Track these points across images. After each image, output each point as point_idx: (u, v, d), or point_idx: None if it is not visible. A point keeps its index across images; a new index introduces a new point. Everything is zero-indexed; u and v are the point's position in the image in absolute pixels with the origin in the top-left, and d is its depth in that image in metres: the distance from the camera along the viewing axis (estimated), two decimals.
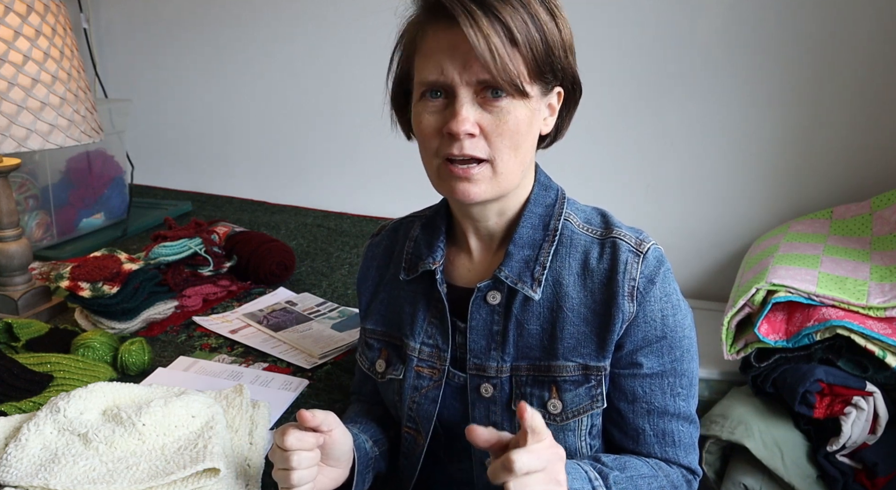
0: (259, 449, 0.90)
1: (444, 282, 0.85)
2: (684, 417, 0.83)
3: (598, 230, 0.83)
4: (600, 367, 0.79)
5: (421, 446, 0.87)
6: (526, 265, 0.81)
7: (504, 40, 0.71)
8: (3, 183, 1.21)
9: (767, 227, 1.75)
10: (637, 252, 0.80)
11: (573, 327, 0.80)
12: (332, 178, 2.16)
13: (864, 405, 1.19)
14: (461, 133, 0.73)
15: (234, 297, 1.41)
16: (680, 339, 0.81)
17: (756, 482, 1.24)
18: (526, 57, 0.73)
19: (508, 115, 0.74)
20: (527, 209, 0.83)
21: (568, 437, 0.81)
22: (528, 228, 0.82)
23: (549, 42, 0.74)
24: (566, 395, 0.80)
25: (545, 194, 0.84)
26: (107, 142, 1.84)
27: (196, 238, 1.38)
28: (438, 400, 0.85)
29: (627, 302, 0.78)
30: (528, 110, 0.75)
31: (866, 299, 1.22)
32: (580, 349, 0.79)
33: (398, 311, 0.90)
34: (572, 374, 0.80)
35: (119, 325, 1.20)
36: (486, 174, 0.76)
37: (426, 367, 0.86)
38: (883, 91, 1.61)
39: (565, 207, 0.84)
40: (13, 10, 1.08)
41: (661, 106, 1.77)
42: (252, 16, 2.09)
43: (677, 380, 0.82)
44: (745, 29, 1.66)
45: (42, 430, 0.85)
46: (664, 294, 0.80)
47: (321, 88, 2.08)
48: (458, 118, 0.73)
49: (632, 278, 0.78)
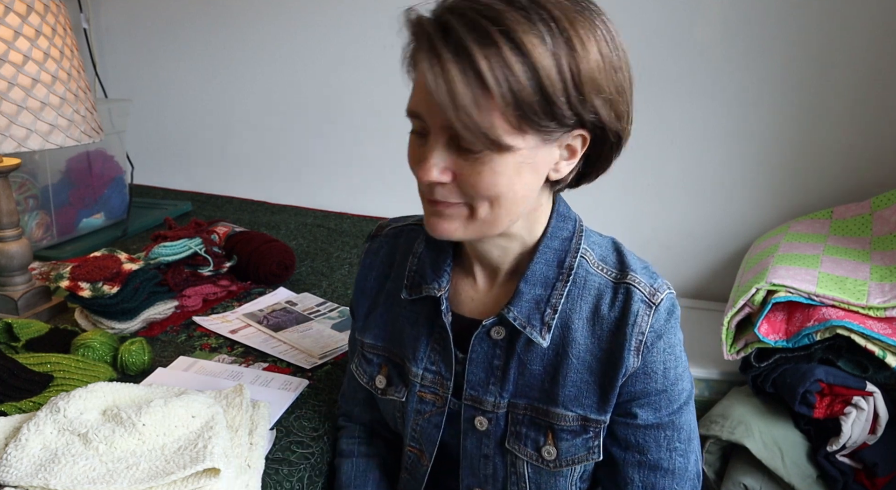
0: (259, 449, 0.90)
1: (450, 311, 0.81)
2: (679, 474, 0.78)
3: (613, 271, 0.77)
4: (600, 421, 0.76)
5: (425, 466, 0.86)
6: (536, 306, 0.75)
7: (473, 88, 0.60)
8: (3, 183, 1.21)
9: (767, 227, 1.75)
10: (650, 303, 0.74)
11: (577, 375, 0.76)
12: (332, 178, 2.16)
13: (864, 405, 1.19)
14: (424, 181, 0.67)
15: (234, 297, 1.41)
16: (679, 392, 0.77)
17: (756, 482, 1.24)
18: (504, 107, 0.61)
19: (484, 167, 0.65)
20: (543, 243, 0.76)
21: (559, 481, 0.79)
22: (542, 265, 0.76)
23: (544, 87, 0.61)
24: (562, 444, 0.77)
25: (562, 226, 0.78)
26: (107, 142, 1.84)
27: (196, 238, 1.38)
28: (442, 425, 0.84)
29: (633, 356, 0.74)
30: (514, 161, 0.65)
31: (866, 299, 1.22)
32: (581, 399, 0.76)
33: (399, 330, 0.87)
34: (571, 423, 0.76)
35: (119, 325, 1.20)
36: (461, 214, 0.70)
37: (429, 392, 0.83)
38: (883, 91, 1.61)
39: (582, 242, 0.78)
40: (13, 10, 1.08)
41: (662, 106, 1.77)
42: (252, 16, 2.09)
43: (675, 433, 0.77)
44: (745, 29, 1.66)
45: (42, 430, 0.85)
46: (668, 346, 0.75)
47: (322, 88, 2.08)
48: (425, 166, 0.67)
49: (641, 332, 0.74)
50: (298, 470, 0.91)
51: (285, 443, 0.95)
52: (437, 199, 0.69)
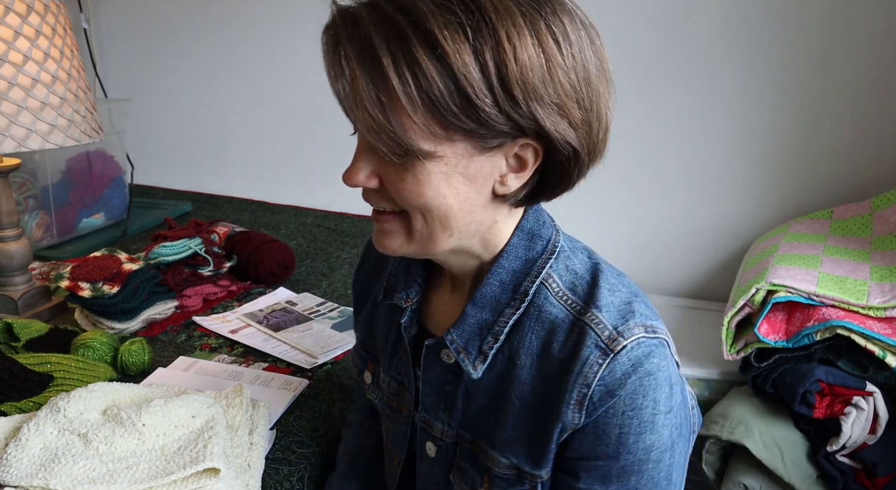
0: (259, 449, 0.90)
1: (415, 323, 0.74)
2: None
3: (578, 304, 0.63)
4: (536, 475, 0.65)
5: (395, 470, 0.83)
6: (478, 332, 0.66)
7: (377, 88, 0.54)
8: (3, 183, 1.21)
9: (767, 227, 1.75)
10: (606, 350, 0.60)
11: (516, 419, 0.65)
12: (332, 178, 2.14)
13: (864, 405, 1.19)
14: (351, 185, 0.62)
15: (234, 297, 1.41)
16: (640, 464, 0.62)
17: (756, 482, 1.24)
18: (413, 108, 0.54)
19: (407, 174, 0.58)
20: (497, 263, 0.66)
21: None
22: (494, 287, 0.66)
23: (462, 86, 0.53)
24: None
25: (528, 246, 0.66)
26: (107, 142, 1.84)
27: (196, 238, 1.38)
28: (407, 434, 0.79)
29: (573, 411, 0.61)
30: (439, 169, 0.58)
31: (866, 299, 1.22)
32: (517, 447, 0.66)
33: (377, 331, 0.83)
34: (505, 471, 0.67)
35: (119, 325, 1.20)
36: (401, 228, 0.63)
37: (395, 400, 0.79)
38: (883, 91, 1.61)
39: (548, 267, 0.65)
40: (13, 10, 1.08)
41: (662, 106, 1.77)
42: (252, 16, 2.09)
43: None
44: (745, 28, 1.66)
45: (42, 430, 0.85)
46: (630, 407, 0.60)
47: (322, 88, 2.06)
48: (349, 169, 0.61)
49: (585, 384, 0.60)
50: (298, 470, 0.91)
51: (285, 443, 0.95)
52: (374, 208, 0.64)
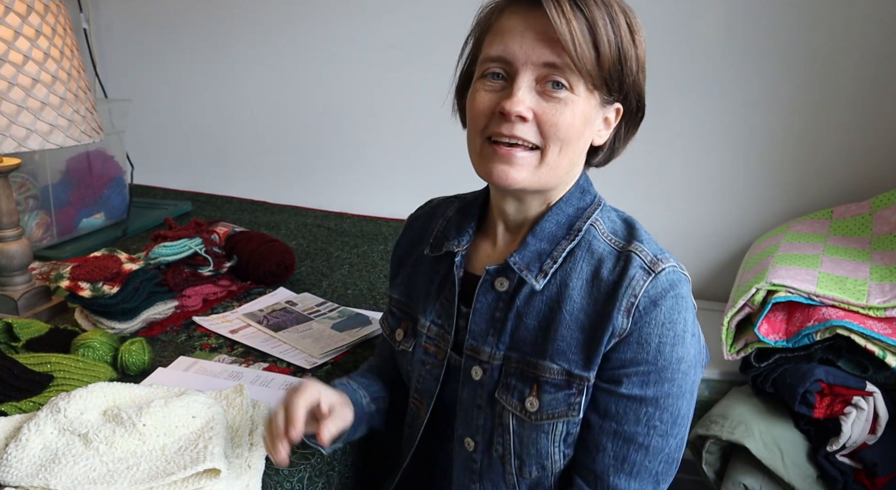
0: (259, 450, 0.90)
1: (462, 266, 0.87)
2: (653, 453, 0.77)
3: (621, 242, 0.80)
4: (584, 377, 0.77)
5: (422, 419, 0.90)
6: (538, 257, 0.80)
7: (585, 31, 0.71)
8: (3, 183, 1.21)
9: (767, 227, 1.75)
10: (649, 270, 0.76)
11: (567, 331, 0.78)
12: (332, 178, 2.16)
13: (864, 405, 1.19)
14: (513, 113, 0.72)
15: (234, 297, 1.41)
16: (673, 373, 0.76)
17: (756, 482, 1.24)
18: (603, 55, 0.72)
19: (566, 108, 0.73)
20: (556, 206, 0.82)
21: (541, 438, 0.80)
22: (552, 224, 0.81)
23: (624, 51, 0.74)
24: (545, 397, 0.78)
25: (580, 197, 0.83)
26: (107, 142, 1.84)
27: (196, 238, 1.38)
28: (440, 378, 0.88)
29: (623, 317, 0.75)
30: (588, 108, 0.75)
31: (866, 299, 1.23)
32: (568, 354, 0.77)
33: (418, 286, 0.93)
34: (555, 377, 0.78)
35: (119, 325, 1.20)
36: (532, 162, 0.76)
37: (432, 345, 0.89)
38: (883, 91, 1.61)
39: (596, 213, 0.82)
40: (13, 10, 1.08)
41: (662, 106, 1.77)
42: (252, 16, 2.09)
43: (657, 411, 0.76)
44: (745, 29, 1.66)
45: (42, 431, 0.85)
46: (668, 320, 0.75)
47: (321, 88, 2.08)
48: (514, 98, 0.72)
49: (633, 294, 0.75)
50: (298, 470, 0.91)
51: None
52: (516, 134, 0.74)
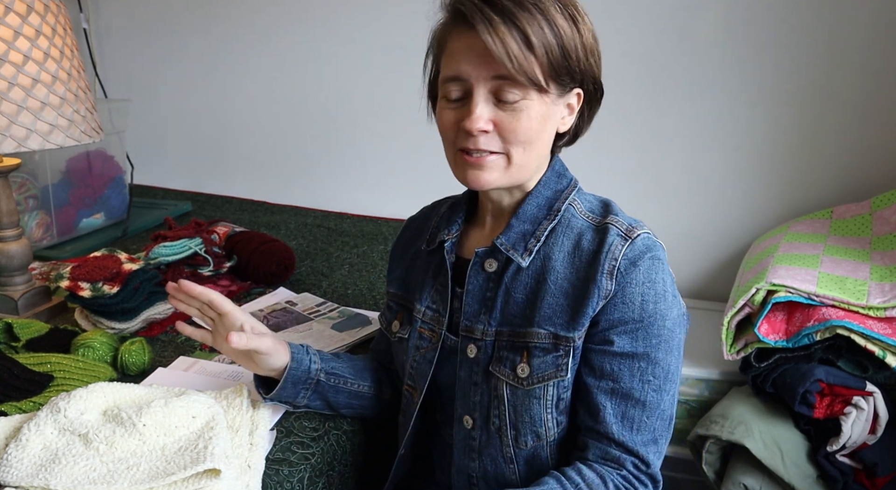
0: (259, 450, 0.90)
1: (453, 252, 0.93)
2: (650, 408, 0.82)
3: (598, 218, 0.86)
4: (570, 338, 0.82)
5: (415, 404, 0.94)
6: (523, 237, 0.86)
7: (520, 44, 0.76)
8: (3, 183, 1.21)
9: (767, 227, 1.75)
10: (625, 237, 0.82)
11: (552, 299, 0.83)
12: (332, 178, 2.16)
13: (864, 405, 1.19)
14: (473, 130, 0.79)
15: (234, 297, 1.41)
16: (659, 328, 0.81)
17: (756, 482, 1.24)
18: (541, 59, 0.77)
19: (521, 114, 0.79)
20: (535, 190, 0.88)
21: (533, 404, 0.84)
22: (532, 206, 0.87)
23: (565, 46, 0.78)
24: (534, 361, 0.83)
25: (557, 180, 0.89)
26: (107, 142, 1.84)
27: (196, 238, 1.38)
28: (434, 361, 0.92)
29: (606, 279, 0.80)
30: (543, 108, 0.80)
31: (866, 299, 1.23)
32: (554, 319, 0.83)
33: (415, 277, 0.98)
34: (543, 341, 0.83)
35: (119, 325, 1.20)
36: (501, 164, 0.82)
37: (427, 329, 0.93)
38: (883, 91, 1.61)
39: (573, 194, 0.88)
40: (13, 10, 1.08)
41: (662, 105, 1.77)
42: (252, 16, 2.09)
43: (650, 366, 0.81)
44: (745, 29, 1.66)
45: (42, 431, 0.85)
46: (648, 279, 0.81)
47: (321, 88, 2.08)
48: (472, 116, 0.79)
49: (613, 258, 0.81)
50: (299, 470, 0.91)
51: (286, 443, 0.95)
52: (481, 148, 0.80)
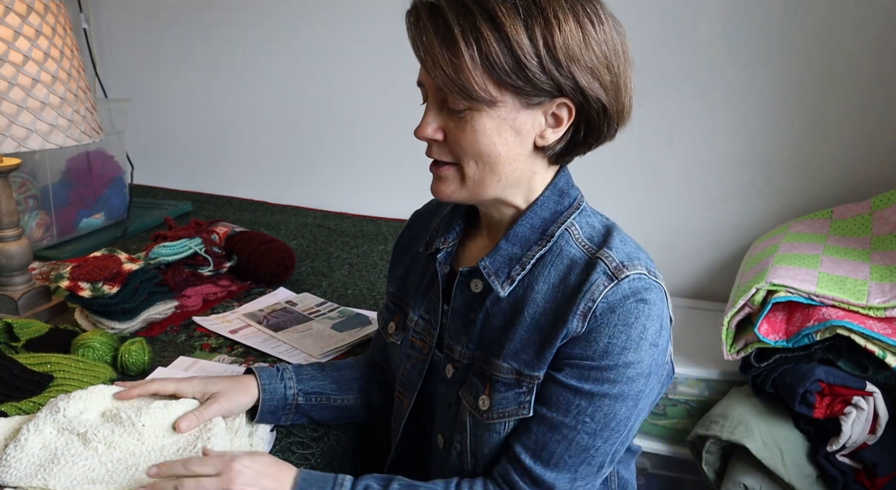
0: (259, 450, 0.90)
1: (447, 263, 0.88)
2: (576, 448, 0.76)
3: (594, 248, 0.78)
4: (533, 377, 0.77)
5: (403, 413, 0.92)
6: (508, 262, 0.80)
7: (446, 51, 0.69)
8: (3, 183, 1.21)
9: (767, 227, 1.75)
10: (612, 276, 0.74)
11: (524, 333, 0.78)
12: (332, 178, 2.16)
13: (864, 405, 1.19)
14: (421, 138, 0.76)
15: (234, 297, 1.41)
16: (617, 375, 0.73)
17: (756, 482, 1.24)
18: (474, 67, 0.69)
19: (466, 125, 0.73)
20: (531, 209, 0.80)
21: (493, 438, 0.80)
22: (525, 228, 0.80)
23: (515, 51, 0.69)
24: (495, 395, 0.79)
25: (558, 200, 0.81)
26: (107, 142, 1.84)
27: (196, 238, 1.38)
28: (424, 372, 0.89)
29: (578, 321, 0.74)
30: (494, 120, 0.73)
31: (866, 299, 1.22)
32: (521, 354, 0.78)
33: (413, 280, 0.95)
34: (506, 376, 0.78)
35: (119, 325, 1.20)
36: (455, 176, 0.78)
37: (419, 339, 0.90)
38: (883, 91, 1.61)
39: (572, 218, 0.80)
40: (13, 10, 1.08)
41: (662, 105, 1.77)
42: (252, 16, 2.09)
43: (590, 407, 0.74)
44: (745, 29, 1.66)
45: (42, 430, 0.85)
46: (623, 323, 0.73)
47: (321, 88, 2.08)
48: (421, 123, 0.76)
49: (591, 299, 0.73)
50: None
51: (285, 444, 0.95)
52: (433, 156, 0.77)
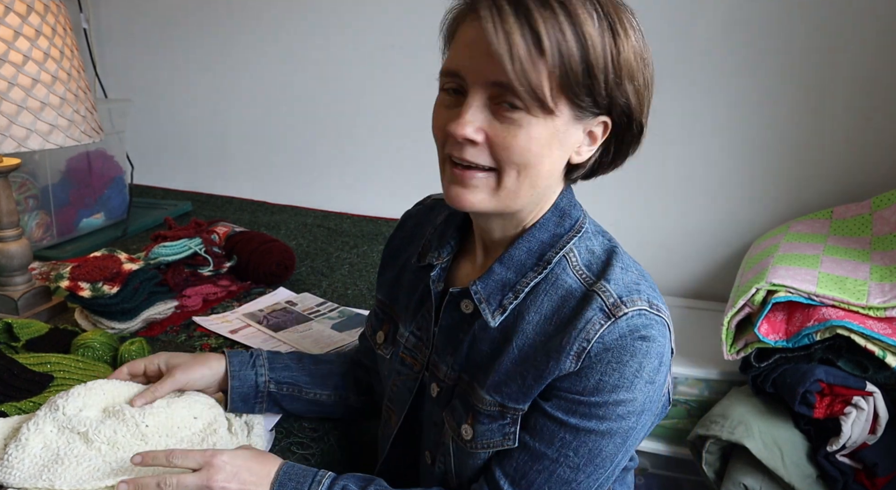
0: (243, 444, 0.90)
1: (442, 280, 0.82)
2: (557, 481, 0.72)
3: (591, 278, 0.72)
4: (518, 409, 0.73)
5: (392, 428, 0.89)
6: (501, 288, 0.75)
7: (529, 43, 0.63)
8: (3, 183, 1.21)
9: (767, 227, 1.75)
10: (609, 314, 0.68)
11: (510, 364, 0.73)
12: (332, 178, 2.16)
13: (864, 405, 1.19)
14: (458, 137, 0.67)
15: (234, 297, 1.41)
16: (607, 412, 0.69)
17: (756, 482, 1.24)
18: (552, 69, 0.64)
19: (520, 130, 0.66)
20: (529, 231, 0.75)
21: (477, 465, 0.78)
22: (522, 251, 0.75)
23: (589, 59, 0.64)
24: (479, 427, 0.75)
25: (558, 222, 0.76)
26: (107, 142, 1.84)
27: (196, 238, 1.38)
28: (414, 390, 0.85)
29: (571, 360, 0.69)
30: (548, 130, 0.67)
31: (866, 299, 1.23)
32: (504, 388, 0.73)
33: (402, 291, 0.90)
34: (489, 408, 0.75)
35: (119, 325, 1.20)
36: (489, 184, 0.70)
37: (410, 356, 0.86)
38: (883, 91, 1.61)
39: (572, 243, 0.75)
40: (13, 10, 1.08)
41: (661, 105, 1.76)
42: (252, 16, 2.09)
43: (575, 443, 0.71)
44: (745, 28, 1.66)
45: (42, 429, 0.85)
46: (618, 361, 0.68)
47: (321, 88, 2.08)
48: (460, 120, 0.66)
49: (586, 339, 0.68)
50: None
51: (285, 444, 0.95)
52: (467, 159, 0.68)
